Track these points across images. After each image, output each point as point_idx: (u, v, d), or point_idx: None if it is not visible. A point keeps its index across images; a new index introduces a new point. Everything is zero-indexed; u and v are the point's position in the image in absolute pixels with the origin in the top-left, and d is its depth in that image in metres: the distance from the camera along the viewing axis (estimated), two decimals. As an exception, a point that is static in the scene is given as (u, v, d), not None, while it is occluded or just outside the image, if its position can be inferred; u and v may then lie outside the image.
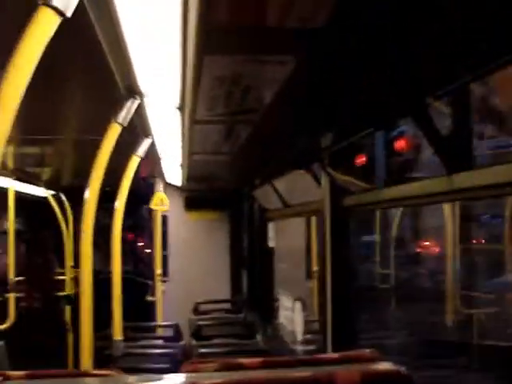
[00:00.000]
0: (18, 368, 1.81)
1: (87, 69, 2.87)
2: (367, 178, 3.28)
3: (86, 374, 1.67)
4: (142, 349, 5.22)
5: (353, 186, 3.39)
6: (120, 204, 4.05)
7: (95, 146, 5.04)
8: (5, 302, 6.65)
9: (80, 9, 1.80)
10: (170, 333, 5.88)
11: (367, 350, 1.72)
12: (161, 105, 3.33)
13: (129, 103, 3.14)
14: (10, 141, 5.08)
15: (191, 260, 8.58)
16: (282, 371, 1.62)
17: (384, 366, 1.59)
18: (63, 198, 8.53)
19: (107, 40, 2.36)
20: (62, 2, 1.64)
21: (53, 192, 8.21)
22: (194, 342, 5.47)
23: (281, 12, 1.82)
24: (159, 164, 5.85)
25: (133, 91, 3.09)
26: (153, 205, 6.91)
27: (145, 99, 3.21)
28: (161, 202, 6.64)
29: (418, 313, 7.08)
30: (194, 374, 1.66)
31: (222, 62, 2.26)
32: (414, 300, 7.66)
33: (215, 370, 1.71)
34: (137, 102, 3.17)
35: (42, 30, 1.65)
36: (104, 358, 4.58)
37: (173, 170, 6.15)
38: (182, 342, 5.56)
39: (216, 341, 5.55)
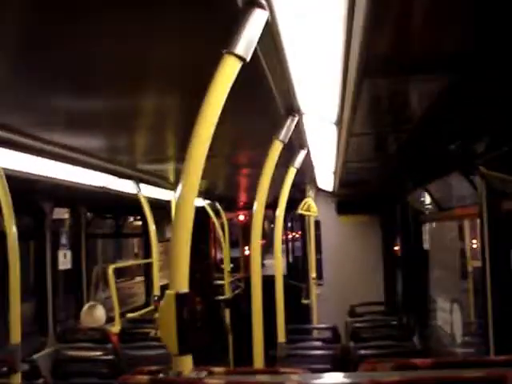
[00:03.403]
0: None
1: (251, 92, 3.13)
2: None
3: (276, 372, 1.88)
4: (303, 350, 5.44)
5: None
6: (280, 212, 4.26)
7: (251, 159, 5.35)
8: None
9: None
10: (327, 335, 6.04)
11: None
12: (318, 121, 3.52)
13: (288, 121, 3.35)
14: (173, 157, 5.55)
15: (344, 263, 8.73)
16: (452, 371, 1.74)
17: None
18: (218, 206, 9.02)
19: (271, 68, 2.58)
20: (243, 48, 1.86)
21: (209, 201, 8.70)
22: (352, 344, 5.61)
23: (436, 36, 1.94)
24: (312, 172, 6.07)
25: (292, 110, 3.31)
26: (301, 210, 7.09)
27: (303, 116, 3.42)
28: (308, 208, 6.79)
29: None
30: (373, 373, 1.83)
31: (380, 84, 2.42)
32: None
33: (391, 369, 1.87)
34: (296, 119, 3.37)
35: (226, 74, 1.88)
36: (268, 358, 4.82)
37: (325, 177, 6.35)
38: (340, 344, 5.71)
39: (373, 343, 5.64)
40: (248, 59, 1.89)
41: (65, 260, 6.66)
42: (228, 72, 1.88)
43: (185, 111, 3.78)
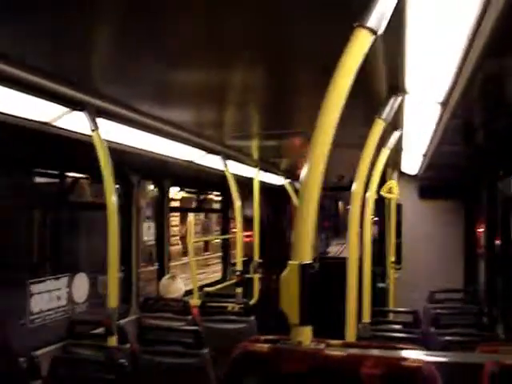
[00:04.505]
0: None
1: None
2: None
3: (391, 347, 1.88)
4: (385, 332, 5.40)
5: None
6: (371, 194, 4.21)
7: (339, 138, 5.28)
8: (246, 282, 7.19)
9: None
10: (407, 319, 5.98)
11: None
12: (420, 101, 3.47)
13: (392, 100, 3.31)
14: (258, 135, 5.60)
15: (424, 248, 8.61)
16: None
17: None
18: (297, 186, 9.03)
19: (386, 43, 2.54)
20: (376, 21, 1.83)
21: (289, 180, 8.72)
22: (432, 330, 5.53)
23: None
24: (398, 154, 5.99)
25: (397, 89, 3.27)
26: (383, 192, 6.98)
27: (406, 96, 3.37)
28: (390, 190, 6.68)
29: None
30: (493, 355, 1.81)
31: (500, 64, 2.35)
32: None
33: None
34: (399, 98, 3.33)
35: (357, 48, 1.86)
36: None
37: (411, 159, 6.26)
38: (421, 329, 5.64)
39: (455, 330, 5.55)
40: (380, 32, 1.86)
41: (149, 232, 6.82)
42: (359, 46, 1.85)
43: (272, 88, 3.81)
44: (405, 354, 1.75)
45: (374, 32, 1.85)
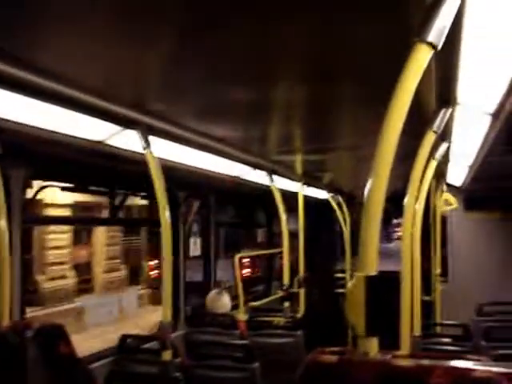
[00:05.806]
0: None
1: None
2: None
3: (461, 358, 1.88)
4: (435, 345, 5.35)
5: None
6: (419, 208, 4.19)
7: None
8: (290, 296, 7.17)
9: None
10: (456, 332, 5.91)
11: None
12: (470, 112, 3.46)
13: (442, 112, 3.31)
14: (301, 149, 5.63)
15: (470, 260, 8.49)
16: None
17: None
18: (340, 199, 9.02)
19: (440, 56, 2.55)
20: (436, 36, 1.86)
21: (332, 194, 8.72)
22: (483, 343, 5.44)
23: None
24: (445, 166, 5.95)
25: (447, 101, 3.27)
26: (441, 204, 6.94)
27: (457, 107, 3.37)
28: (447, 202, 6.64)
29: None
30: None
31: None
32: None
33: None
34: (449, 110, 3.33)
35: (418, 63, 1.88)
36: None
37: (456, 171, 6.21)
38: (472, 342, 5.56)
39: (509, 343, 5.45)
40: (439, 47, 1.88)
41: (195, 247, 6.87)
42: (419, 61, 1.87)
43: (318, 104, 3.83)
44: (473, 364, 1.75)
45: (433, 47, 1.87)
